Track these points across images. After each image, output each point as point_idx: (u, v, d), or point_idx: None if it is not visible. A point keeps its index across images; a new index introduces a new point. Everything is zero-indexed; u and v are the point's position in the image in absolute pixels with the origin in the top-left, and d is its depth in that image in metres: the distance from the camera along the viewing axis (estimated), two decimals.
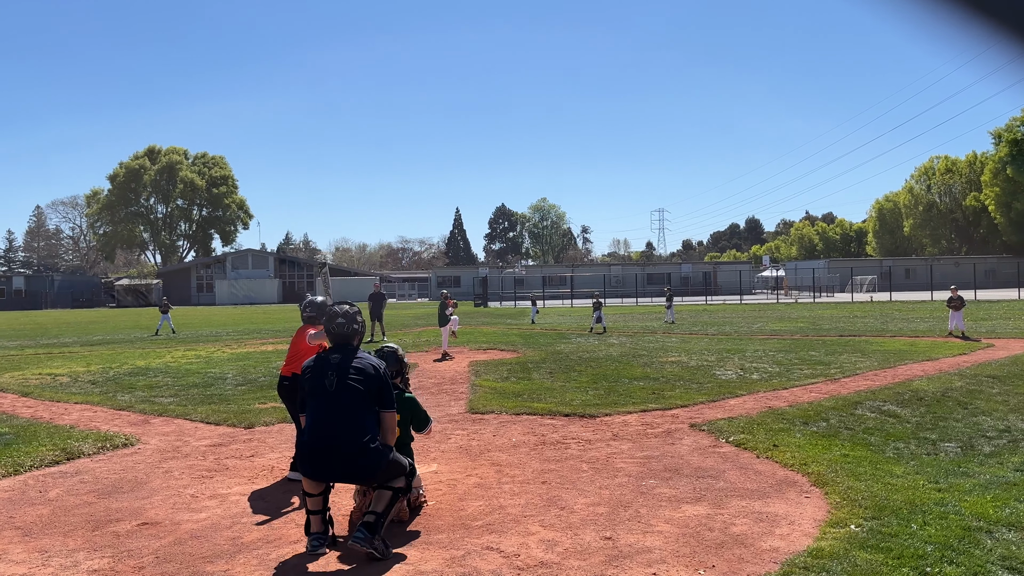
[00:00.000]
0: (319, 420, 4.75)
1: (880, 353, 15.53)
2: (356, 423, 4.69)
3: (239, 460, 7.33)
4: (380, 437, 4.80)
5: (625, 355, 16.20)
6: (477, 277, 63.62)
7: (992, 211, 77.74)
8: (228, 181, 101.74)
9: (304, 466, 4.82)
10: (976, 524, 4.81)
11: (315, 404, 4.81)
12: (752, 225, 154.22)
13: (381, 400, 4.86)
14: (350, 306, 5.11)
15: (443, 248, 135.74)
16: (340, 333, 5.00)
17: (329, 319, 5.03)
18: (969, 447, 7.27)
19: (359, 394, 4.74)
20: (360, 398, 4.74)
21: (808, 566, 4.17)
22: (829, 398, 9.91)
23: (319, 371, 4.85)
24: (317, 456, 4.71)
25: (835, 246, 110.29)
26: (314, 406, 4.82)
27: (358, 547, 4.53)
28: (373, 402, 4.81)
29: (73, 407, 10.58)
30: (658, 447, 7.46)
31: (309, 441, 4.76)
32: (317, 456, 4.71)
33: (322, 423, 4.72)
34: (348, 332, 5.01)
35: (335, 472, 4.73)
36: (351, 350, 4.95)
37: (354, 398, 4.73)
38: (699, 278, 74.21)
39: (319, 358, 4.96)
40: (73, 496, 6.07)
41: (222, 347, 20.92)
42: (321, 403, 4.77)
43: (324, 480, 4.80)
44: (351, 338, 5.02)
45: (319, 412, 4.77)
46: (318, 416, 4.76)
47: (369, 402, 4.79)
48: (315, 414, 4.79)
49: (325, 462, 4.69)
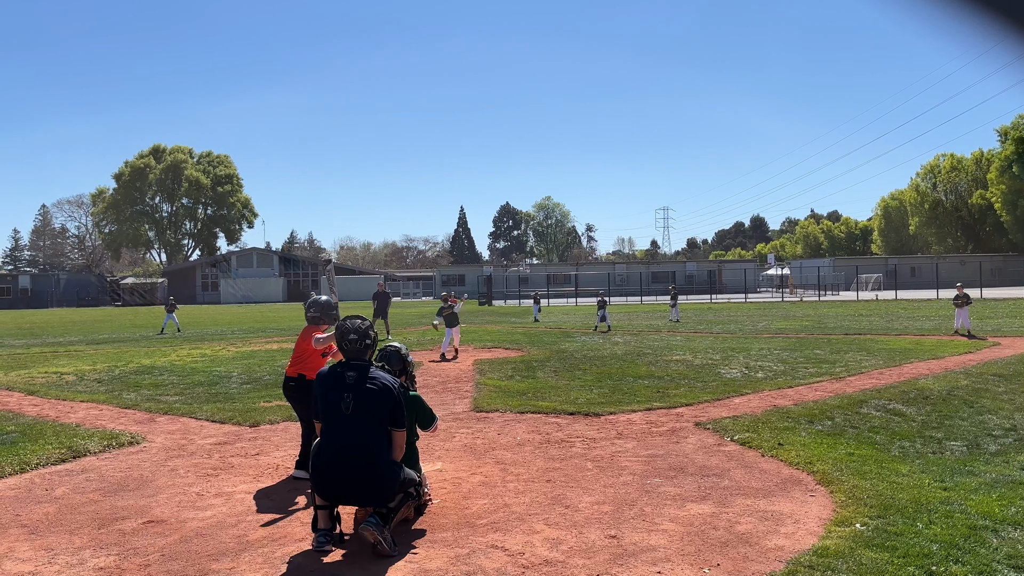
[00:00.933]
0: (334, 442, 4.80)
1: (885, 352, 15.49)
2: (371, 448, 4.77)
3: (244, 458, 7.35)
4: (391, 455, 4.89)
5: (630, 354, 16.19)
6: (482, 276, 63.63)
7: (998, 209, 77.47)
8: (233, 180, 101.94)
9: (318, 486, 4.86)
10: (982, 523, 4.80)
11: (330, 425, 4.87)
12: (757, 223, 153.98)
13: (394, 420, 4.92)
14: (361, 320, 5.14)
15: (447, 247, 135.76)
16: (353, 350, 5.04)
17: (342, 335, 5.06)
18: (975, 446, 7.25)
19: (374, 417, 4.82)
20: (375, 421, 4.82)
21: (813, 565, 4.16)
22: (834, 397, 9.89)
23: (335, 390, 4.89)
24: (331, 479, 4.77)
25: (840, 244, 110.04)
26: (329, 427, 4.88)
27: (369, 532, 4.57)
28: (387, 423, 4.89)
29: (79, 406, 10.61)
30: (663, 446, 7.45)
31: (323, 462, 4.81)
32: (331, 479, 4.77)
33: (337, 445, 4.78)
34: (361, 348, 5.06)
35: (350, 495, 4.81)
36: (365, 367, 4.99)
37: (369, 422, 4.80)
38: (704, 277, 74.13)
39: (335, 374, 4.98)
40: (79, 494, 6.09)
41: (227, 346, 20.96)
42: (336, 424, 4.83)
43: (336, 502, 4.87)
44: (363, 354, 5.06)
45: (334, 433, 4.82)
46: (333, 437, 4.82)
47: (383, 424, 4.86)
48: (330, 435, 4.85)
49: (339, 485, 4.76)
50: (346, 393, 4.84)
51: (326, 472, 4.78)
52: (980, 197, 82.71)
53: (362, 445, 4.76)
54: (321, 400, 4.96)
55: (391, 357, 5.68)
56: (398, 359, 5.73)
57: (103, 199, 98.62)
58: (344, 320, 5.16)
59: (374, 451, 4.77)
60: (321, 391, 4.98)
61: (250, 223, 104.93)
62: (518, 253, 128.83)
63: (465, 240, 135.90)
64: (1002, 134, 75.73)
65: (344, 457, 4.75)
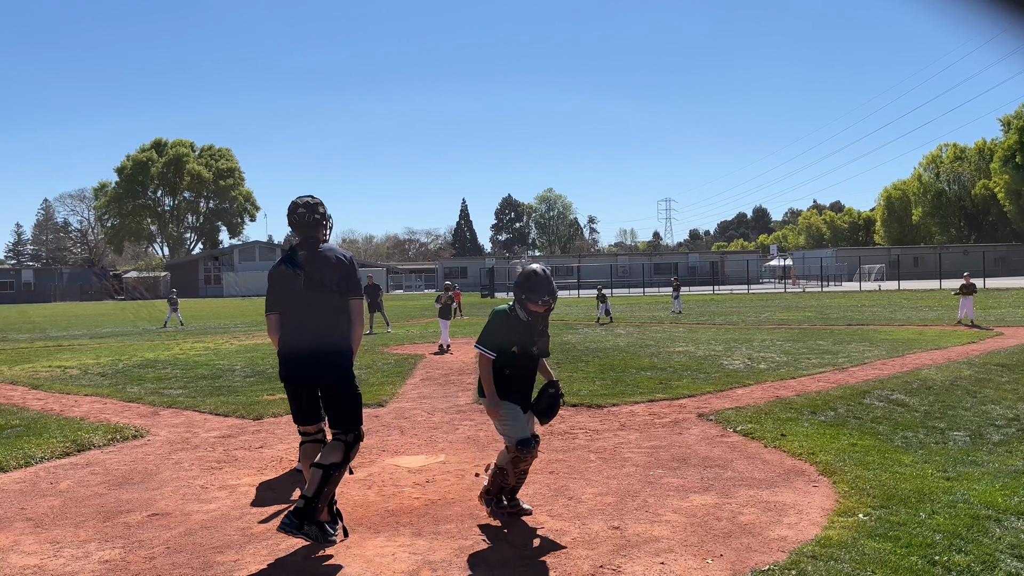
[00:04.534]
0: (291, 321, 4.70)
1: (888, 342, 15.48)
2: (328, 320, 4.65)
3: (248, 451, 7.37)
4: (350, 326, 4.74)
5: (632, 345, 16.19)
6: (484, 268, 63.62)
7: (1001, 199, 77.27)
8: (235, 173, 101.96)
9: (282, 374, 4.75)
10: (985, 513, 4.80)
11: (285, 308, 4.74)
12: (759, 214, 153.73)
13: (348, 288, 4.72)
14: (311, 197, 4.88)
15: (450, 239, 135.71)
16: (302, 224, 4.79)
17: (291, 210, 4.81)
18: (978, 436, 7.25)
19: (327, 289, 4.65)
20: (329, 292, 4.66)
21: (816, 555, 4.17)
22: (837, 387, 9.88)
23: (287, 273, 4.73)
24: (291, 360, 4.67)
25: (843, 235, 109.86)
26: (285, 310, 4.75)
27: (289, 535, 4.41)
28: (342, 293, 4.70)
29: (83, 399, 10.64)
30: (666, 437, 7.46)
31: (284, 345, 4.69)
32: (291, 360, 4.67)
33: (294, 325, 4.69)
34: (310, 222, 4.80)
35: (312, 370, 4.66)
36: (315, 243, 4.77)
37: (323, 294, 4.65)
38: (706, 268, 74.04)
39: (286, 259, 4.77)
40: (84, 488, 6.11)
41: (230, 339, 20.99)
42: (291, 304, 4.71)
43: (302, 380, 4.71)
44: (315, 230, 4.81)
45: (291, 314, 4.72)
46: (290, 318, 4.72)
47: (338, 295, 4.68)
48: (287, 317, 4.73)
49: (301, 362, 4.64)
50: (297, 270, 4.67)
51: (286, 356, 4.68)
52: (983, 187, 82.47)
53: (319, 317, 4.63)
54: (274, 288, 4.79)
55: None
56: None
57: (105, 193, 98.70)
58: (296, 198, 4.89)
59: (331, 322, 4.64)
60: (274, 277, 4.81)
61: (252, 217, 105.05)
62: (520, 245, 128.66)
63: (467, 232, 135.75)
64: (1005, 124, 75.44)
65: (302, 333, 4.64)
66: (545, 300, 4.81)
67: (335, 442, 4.72)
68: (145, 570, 4.28)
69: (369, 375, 12.39)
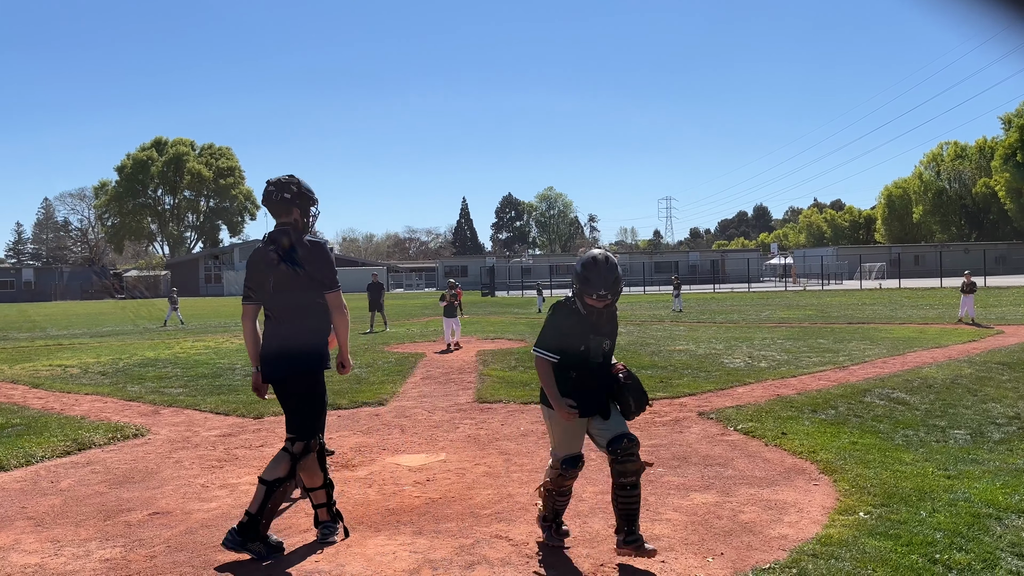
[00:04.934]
0: (272, 319, 4.54)
1: (889, 340, 15.48)
2: (305, 316, 4.49)
3: (248, 450, 7.37)
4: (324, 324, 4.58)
5: (633, 344, 16.18)
6: (484, 266, 63.63)
7: (1002, 197, 77.19)
8: (235, 172, 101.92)
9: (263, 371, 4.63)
10: (985, 511, 4.80)
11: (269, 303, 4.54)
12: (760, 213, 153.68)
13: (322, 281, 4.50)
14: (289, 176, 4.56)
15: (450, 238, 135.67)
16: (272, 204, 4.51)
17: (264, 192, 4.56)
18: (979, 434, 7.25)
19: (304, 284, 4.45)
20: (303, 285, 4.46)
21: (817, 553, 4.17)
22: (838, 386, 9.88)
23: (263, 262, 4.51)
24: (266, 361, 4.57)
25: (844, 233, 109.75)
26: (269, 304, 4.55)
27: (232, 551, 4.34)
28: (316, 284, 4.49)
29: (83, 398, 10.64)
30: (666, 435, 7.46)
31: (265, 346, 4.56)
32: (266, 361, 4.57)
33: (275, 323, 4.53)
34: (278, 201, 4.48)
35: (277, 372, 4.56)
36: (286, 232, 4.48)
37: (298, 286, 4.45)
38: (707, 266, 74.08)
39: (261, 249, 4.54)
40: (84, 486, 6.11)
41: (231, 338, 20.98)
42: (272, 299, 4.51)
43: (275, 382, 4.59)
44: (286, 209, 4.50)
45: (271, 311, 4.54)
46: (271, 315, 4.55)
47: (313, 286, 4.49)
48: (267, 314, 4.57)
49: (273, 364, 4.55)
50: (273, 262, 4.44)
51: (266, 356, 4.55)
52: (984, 185, 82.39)
53: (296, 314, 4.46)
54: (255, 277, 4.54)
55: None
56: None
57: (106, 192, 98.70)
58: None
59: (308, 318, 4.48)
60: (250, 265, 4.60)
61: (252, 215, 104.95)
62: (520, 244, 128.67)
63: (468, 231, 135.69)
64: (1005, 122, 75.36)
65: (275, 332, 4.50)
66: (602, 294, 4.07)
67: (281, 453, 4.54)
68: (146, 569, 4.28)
69: (369, 374, 12.39)
